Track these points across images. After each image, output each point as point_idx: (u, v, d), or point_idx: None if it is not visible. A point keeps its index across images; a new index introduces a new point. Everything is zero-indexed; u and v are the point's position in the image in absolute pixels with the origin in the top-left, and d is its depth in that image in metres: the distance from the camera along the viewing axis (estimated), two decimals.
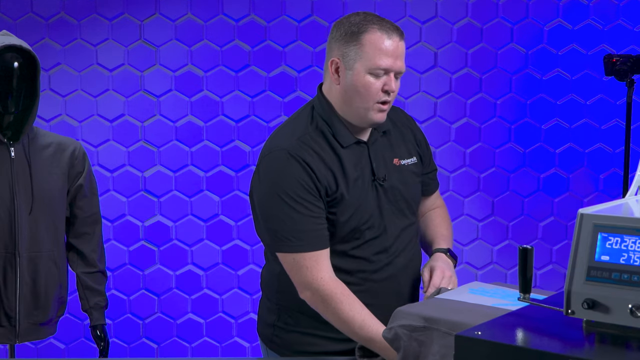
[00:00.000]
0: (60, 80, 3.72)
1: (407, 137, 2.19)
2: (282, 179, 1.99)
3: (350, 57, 2.00)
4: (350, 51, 2.00)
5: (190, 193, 3.80)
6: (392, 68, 1.99)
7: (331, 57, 2.04)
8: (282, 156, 2.00)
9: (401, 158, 2.14)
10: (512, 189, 3.93)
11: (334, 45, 2.04)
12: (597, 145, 3.94)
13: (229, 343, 3.84)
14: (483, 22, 3.86)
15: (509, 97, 3.90)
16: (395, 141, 2.16)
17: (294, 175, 1.98)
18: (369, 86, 1.99)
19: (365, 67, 1.99)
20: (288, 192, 1.98)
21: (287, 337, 2.14)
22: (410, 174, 2.16)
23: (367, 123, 2.05)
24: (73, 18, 3.70)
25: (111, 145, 3.76)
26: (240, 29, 3.77)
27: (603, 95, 3.92)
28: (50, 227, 2.62)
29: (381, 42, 1.99)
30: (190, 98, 3.78)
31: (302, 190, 1.98)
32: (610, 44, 3.90)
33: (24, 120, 2.57)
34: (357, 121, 2.05)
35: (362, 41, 1.99)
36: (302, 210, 1.98)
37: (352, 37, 2.00)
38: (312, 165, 1.99)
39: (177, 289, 3.82)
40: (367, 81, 1.99)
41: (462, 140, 3.90)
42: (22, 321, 2.60)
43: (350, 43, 2.00)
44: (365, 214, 2.05)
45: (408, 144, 2.19)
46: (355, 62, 1.99)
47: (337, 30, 2.05)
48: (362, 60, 1.99)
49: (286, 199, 1.98)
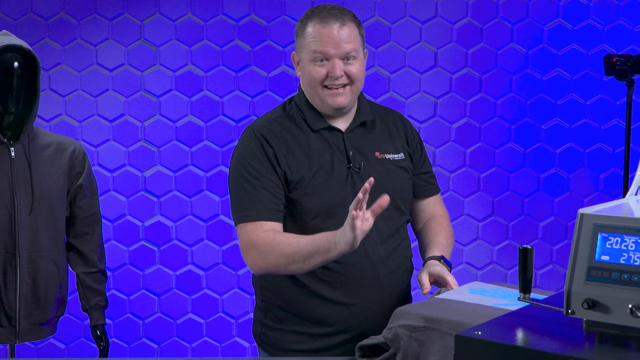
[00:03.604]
0: (60, 80, 3.72)
1: (395, 135, 2.22)
2: (242, 153, 2.11)
3: (300, 51, 2.12)
4: (299, 44, 2.12)
5: (191, 193, 3.81)
6: (331, 53, 2.05)
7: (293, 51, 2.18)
8: (248, 134, 2.13)
9: (384, 152, 2.17)
10: (512, 189, 3.94)
11: (295, 40, 2.16)
12: (597, 145, 3.95)
13: (229, 343, 3.84)
14: (483, 22, 3.86)
15: (509, 97, 3.90)
16: (380, 136, 2.19)
17: (252, 150, 2.09)
18: (314, 73, 2.08)
19: (307, 57, 2.08)
20: (245, 165, 2.09)
21: (273, 335, 2.17)
22: (396, 168, 2.17)
23: (327, 107, 2.11)
24: (73, 18, 3.70)
25: (111, 145, 3.76)
26: (240, 29, 3.77)
27: (603, 95, 3.93)
28: (50, 227, 2.62)
29: (317, 30, 2.06)
30: (190, 98, 3.78)
31: (256, 163, 2.08)
32: (610, 44, 3.90)
33: (24, 120, 2.57)
34: (320, 107, 2.13)
35: (304, 33, 2.09)
36: (254, 182, 2.06)
37: (299, 31, 2.12)
38: (271, 143, 2.09)
39: (177, 289, 3.82)
40: (312, 69, 2.08)
41: (462, 140, 3.90)
42: (22, 321, 2.61)
43: (299, 37, 2.12)
44: (335, 197, 2.08)
45: (395, 141, 2.20)
46: (302, 53, 2.11)
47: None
48: (305, 51, 2.09)
49: (242, 171, 2.08)
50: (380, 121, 2.21)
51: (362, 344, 1.91)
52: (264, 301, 2.20)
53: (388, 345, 1.81)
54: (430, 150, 3.84)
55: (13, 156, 2.56)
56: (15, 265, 2.56)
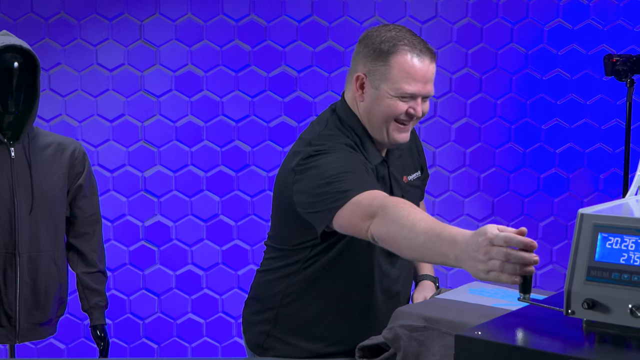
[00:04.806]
0: (60, 80, 3.72)
1: (413, 152, 2.17)
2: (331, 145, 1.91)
3: (376, 77, 1.93)
4: (377, 70, 1.92)
5: (190, 193, 3.81)
6: (419, 93, 1.92)
7: (357, 71, 1.97)
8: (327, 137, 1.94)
9: (408, 175, 2.12)
10: (512, 189, 3.94)
11: (360, 59, 1.96)
12: (597, 145, 3.95)
13: (229, 343, 3.84)
14: (483, 22, 3.86)
15: (509, 97, 3.90)
16: (405, 158, 2.12)
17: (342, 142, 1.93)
18: (394, 108, 1.93)
19: (391, 90, 1.91)
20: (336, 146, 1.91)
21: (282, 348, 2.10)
22: (414, 189, 2.14)
23: (391, 141, 1.98)
24: (73, 18, 3.70)
25: (111, 145, 3.76)
26: (240, 29, 3.77)
27: (603, 95, 3.93)
28: (50, 227, 2.62)
29: (410, 66, 1.90)
30: (190, 98, 3.78)
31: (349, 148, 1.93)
32: (610, 44, 3.90)
33: (24, 120, 2.57)
34: (380, 138, 1.98)
35: (391, 62, 1.90)
36: (352, 154, 1.91)
37: (381, 55, 1.91)
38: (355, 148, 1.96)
39: (177, 289, 3.82)
40: (393, 103, 1.92)
41: (462, 140, 3.90)
42: (22, 321, 2.61)
43: (378, 61, 1.92)
44: None
45: (414, 159, 2.17)
46: (382, 82, 1.92)
47: (365, 44, 1.96)
48: (389, 83, 1.91)
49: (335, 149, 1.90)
50: None
51: (363, 345, 1.91)
52: (277, 313, 2.10)
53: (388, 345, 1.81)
54: (430, 151, 3.84)
55: (13, 156, 2.56)
56: (15, 265, 2.56)
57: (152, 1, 3.73)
